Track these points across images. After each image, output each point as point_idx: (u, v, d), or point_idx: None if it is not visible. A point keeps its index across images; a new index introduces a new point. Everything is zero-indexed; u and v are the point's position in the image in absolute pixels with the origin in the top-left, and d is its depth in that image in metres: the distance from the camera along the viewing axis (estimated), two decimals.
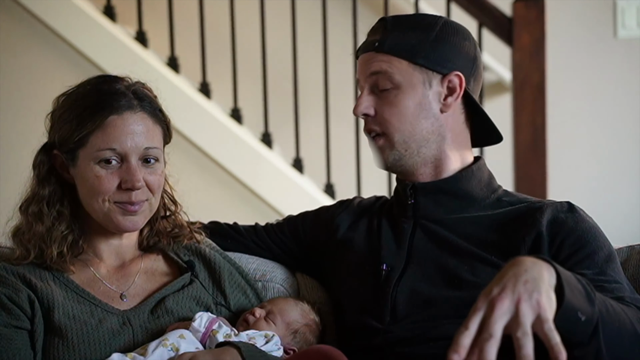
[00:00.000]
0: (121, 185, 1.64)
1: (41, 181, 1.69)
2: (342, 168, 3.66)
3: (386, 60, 1.70)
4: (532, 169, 3.31)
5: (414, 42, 1.70)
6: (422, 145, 1.71)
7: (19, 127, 3.48)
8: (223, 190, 3.54)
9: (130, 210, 1.66)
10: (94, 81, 1.70)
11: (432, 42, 1.70)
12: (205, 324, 1.61)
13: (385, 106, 1.70)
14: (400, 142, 1.70)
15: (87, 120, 1.63)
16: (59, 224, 1.68)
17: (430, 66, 1.69)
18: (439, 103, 1.71)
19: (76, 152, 1.65)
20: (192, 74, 3.67)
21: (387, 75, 1.69)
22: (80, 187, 1.67)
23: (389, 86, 1.70)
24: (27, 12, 3.52)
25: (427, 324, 1.62)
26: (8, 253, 1.72)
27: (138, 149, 1.65)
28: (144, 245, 1.79)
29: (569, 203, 1.67)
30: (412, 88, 1.69)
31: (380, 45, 1.70)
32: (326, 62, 3.55)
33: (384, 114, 1.71)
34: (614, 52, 3.89)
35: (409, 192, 1.73)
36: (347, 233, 1.82)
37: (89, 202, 1.66)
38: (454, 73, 1.70)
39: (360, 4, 3.66)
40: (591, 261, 1.58)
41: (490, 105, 3.83)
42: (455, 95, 1.71)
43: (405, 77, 1.69)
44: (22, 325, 1.61)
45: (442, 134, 1.72)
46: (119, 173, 1.64)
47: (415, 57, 1.69)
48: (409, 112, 1.69)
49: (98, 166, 1.64)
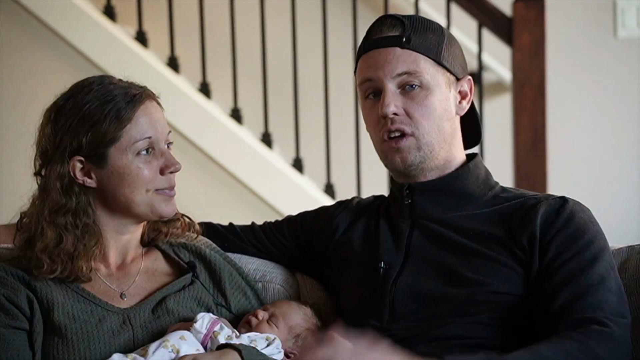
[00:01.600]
0: (162, 171, 1.67)
1: (66, 192, 1.65)
2: (342, 168, 3.66)
3: (413, 58, 1.66)
4: (532, 169, 3.31)
5: (435, 42, 1.68)
6: (442, 147, 1.70)
7: (19, 127, 3.46)
8: (223, 190, 3.53)
9: (170, 196, 1.69)
10: (89, 84, 1.68)
11: (447, 45, 1.69)
12: (207, 326, 1.61)
13: (415, 105, 1.66)
14: (427, 144, 1.68)
15: (117, 117, 1.64)
16: (86, 238, 1.65)
17: (451, 68, 1.69)
18: (455, 106, 1.72)
19: (107, 151, 1.64)
20: (192, 74, 3.67)
21: (416, 74, 1.66)
22: (115, 184, 1.66)
23: (417, 84, 1.67)
24: (27, 12, 3.52)
25: (427, 323, 1.62)
26: (8, 253, 1.71)
27: (164, 134, 1.69)
28: (145, 239, 1.79)
29: (563, 199, 1.66)
30: (439, 89, 1.68)
31: (406, 41, 1.66)
32: (326, 62, 3.55)
33: (415, 114, 1.66)
34: (614, 52, 3.89)
35: (406, 192, 1.73)
36: (345, 233, 1.81)
37: (130, 196, 1.66)
38: (467, 77, 1.72)
39: (360, 4, 3.66)
40: (575, 263, 1.58)
41: (490, 105, 3.83)
42: (468, 98, 1.73)
43: (433, 77, 1.67)
44: (20, 325, 1.60)
45: (455, 136, 1.73)
46: (156, 161, 1.67)
47: (440, 57, 1.68)
48: (437, 114, 1.67)
49: (137, 158, 1.65)
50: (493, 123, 3.54)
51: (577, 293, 1.54)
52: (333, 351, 1.38)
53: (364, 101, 1.73)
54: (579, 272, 1.57)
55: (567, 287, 1.55)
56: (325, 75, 3.55)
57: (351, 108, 3.56)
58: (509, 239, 1.62)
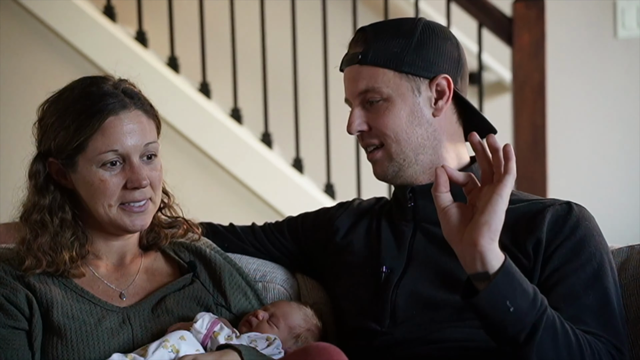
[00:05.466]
0: (127, 185, 1.64)
1: (39, 190, 1.68)
2: (342, 168, 3.66)
3: (371, 73, 1.69)
4: (532, 168, 3.31)
5: (397, 50, 1.69)
6: (419, 153, 1.70)
7: (19, 127, 3.46)
8: (223, 190, 3.53)
9: (135, 211, 1.66)
10: (79, 84, 1.68)
11: (415, 47, 1.69)
12: (207, 326, 1.61)
13: (379, 119, 1.70)
14: (398, 153, 1.70)
15: (84, 125, 1.62)
16: (63, 231, 1.67)
17: (416, 72, 1.69)
18: (430, 108, 1.71)
19: (75, 157, 1.64)
20: (192, 74, 3.67)
21: (375, 90, 1.69)
22: (83, 192, 1.66)
23: (379, 99, 1.69)
24: (27, 12, 3.52)
25: (427, 327, 1.62)
26: (7, 253, 1.71)
27: (138, 147, 1.65)
28: (144, 242, 1.79)
29: (569, 205, 1.65)
30: (402, 97, 1.69)
31: (363, 58, 1.70)
32: (326, 62, 3.54)
33: (379, 126, 1.70)
34: (614, 52, 3.89)
35: (409, 195, 1.73)
36: (346, 235, 1.81)
37: (94, 206, 1.65)
38: (441, 76, 1.70)
39: (360, 4, 3.66)
40: (576, 278, 1.58)
41: (490, 105, 3.83)
42: (445, 97, 1.71)
43: (393, 88, 1.69)
44: (19, 325, 1.61)
45: (438, 137, 1.71)
46: (123, 174, 1.64)
47: (400, 65, 1.68)
48: (402, 122, 1.69)
49: (102, 170, 1.63)
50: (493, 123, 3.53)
51: (577, 314, 1.54)
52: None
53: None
54: (580, 290, 1.56)
55: (567, 305, 1.54)
56: (325, 75, 3.54)
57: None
58: (512, 244, 1.61)
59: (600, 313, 1.55)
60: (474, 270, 1.42)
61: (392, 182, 1.75)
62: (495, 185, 1.43)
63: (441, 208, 1.47)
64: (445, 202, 1.47)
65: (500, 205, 1.42)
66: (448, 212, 1.46)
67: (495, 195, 1.42)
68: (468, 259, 1.43)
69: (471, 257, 1.42)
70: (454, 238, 1.46)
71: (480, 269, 1.42)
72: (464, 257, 1.44)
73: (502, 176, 1.43)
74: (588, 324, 1.53)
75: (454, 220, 1.46)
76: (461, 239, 1.44)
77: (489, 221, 1.41)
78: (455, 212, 1.46)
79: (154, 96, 1.73)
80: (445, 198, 1.47)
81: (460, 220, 1.45)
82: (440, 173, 1.46)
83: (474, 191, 1.48)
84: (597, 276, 1.58)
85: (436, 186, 1.47)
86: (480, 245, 1.41)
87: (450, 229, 1.46)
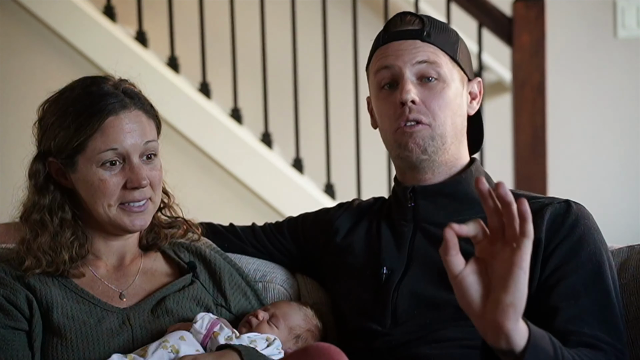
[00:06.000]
0: (126, 185, 1.64)
1: (39, 190, 1.68)
2: (342, 168, 3.66)
3: (433, 50, 1.69)
4: (532, 168, 3.31)
5: (453, 40, 1.72)
6: (452, 142, 1.70)
7: (19, 127, 3.47)
8: (223, 190, 3.53)
9: (135, 211, 1.66)
10: (80, 84, 1.69)
11: (461, 46, 1.73)
12: (207, 326, 1.61)
13: (432, 97, 1.68)
14: (441, 135, 1.68)
15: (84, 125, 1.62)
16: (63, 231, 1.67)
17: (464, 67, 1.72)
18: (467, 104, 1.74)
19: (75, 157, 1.64)
20: (192, 74, 3.67)
21: (435, 65, 1.68)
22: (83, 192, 1.66)
23: (435, 77, 1.68)
24: (27, 12, 3.52)
25: (428, 327, 1.62)
26: (7, 253, 1.71)
27: (138, 147, 1.65)
28: (144, 243, 1.79)
29: (567, 203, 1.65)
30: (454, 83, 1.70)
31: (427, 35, 1.69)
32: (326, 61, 3.54)
33: (431, 104, 1.67)
34: (614, 52, 3.89)
35: (409, 195, 1.72)
36: (346, 236, 1.81)
37: (94, 206, 1.65)
38: (477, 79, 1.75)
39: (360, 4, 3.66)
40: (577, 277, 1.57)
41: (490, 105, 3.83)
42: (478, 99, 1.75)
43: (449, 72, 1.69)
44: (19, 326, 1.60)
45: (464, 134, 1.74)
46: (123, 174, 1.64)
47: (456, 54, 1.71)
48: (452, 107, 1.69)
49: (101, 169, 1.64)
50: (493, 123, 3.53)
51: (578, 314, 1.53)
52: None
53: (378, 92, 1.72)
54: (581, 289, 1.56)
55: (568, 305, 1.54)
56: (325, 75, 3.55)
57: (351, 108, 3.56)
58: None
59: (601, 313, 1.54)
60: (498, 346, 1.30)
61: (420, 164, 1.70)
62: (515, 254, 1.25)
63: (454, 275, 1.28)
64: (458, 268, 1.28)
65: (522, 280, 1.25)
66: (463, 283, 1.28)
67: (516, 268, 1.25)
68: (490, 336, 1.29)
69: (495, 335, 1.28)
70: (473, 312, 1.29)
71: (505, 347, 1.29)
72: (485, 332, 1.30)
73: (519, 241, 1.25)
74: (590, 324, 1.52)
75: (472, 293, 1.28)
76: (482, 315, 1.28)
77: (514, 302, 1.25)
78: (472, 282, 1.29)
79: (154, 96, 1.73)
80: (457, 262, 1.28)
81: (479, 292, 1.29)
82: (450, 236, 1.26)
83: (483, 243, 1.30)
84: (598, 275, 1.58)
85: (446, 249, 1.27)
86: (506, 328, 1.26)
87: (468, 303, 1.29)
